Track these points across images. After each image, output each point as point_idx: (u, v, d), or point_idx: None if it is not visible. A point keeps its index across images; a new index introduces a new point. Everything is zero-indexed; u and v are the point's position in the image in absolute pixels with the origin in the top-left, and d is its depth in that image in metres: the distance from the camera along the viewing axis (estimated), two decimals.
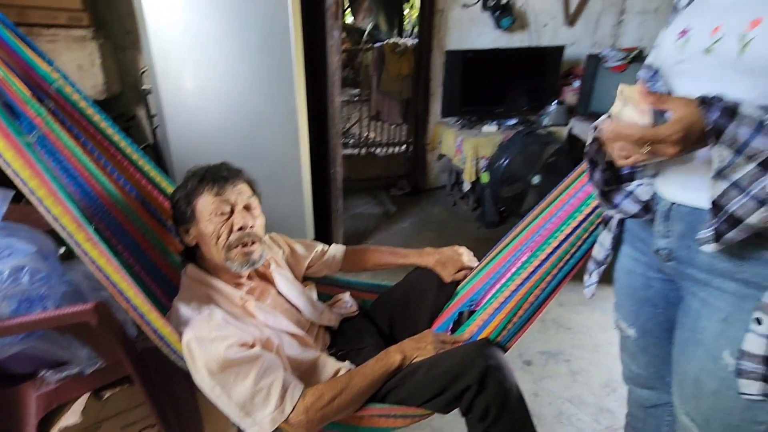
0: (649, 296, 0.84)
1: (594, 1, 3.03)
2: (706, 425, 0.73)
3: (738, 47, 0.57)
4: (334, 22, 1.80)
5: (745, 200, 0.54)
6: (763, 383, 0.62)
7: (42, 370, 0.91)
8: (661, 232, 0.72)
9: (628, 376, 0.99)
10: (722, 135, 0.53)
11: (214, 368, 0.82)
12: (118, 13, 2.22)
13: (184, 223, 0.96)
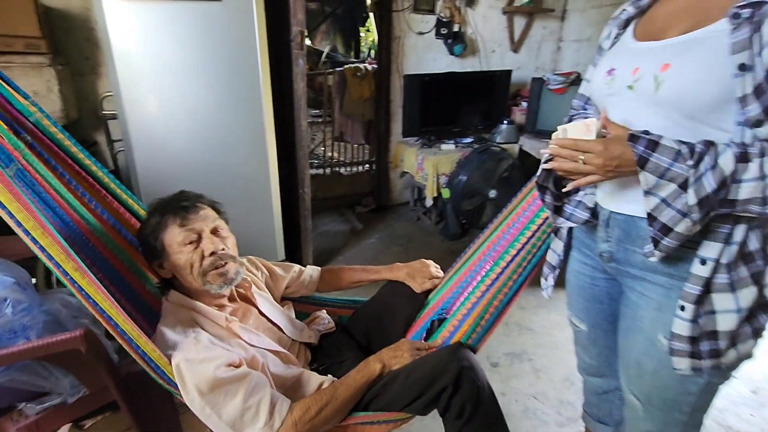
0: (596, 294, 0.96)
1: (535, 30, 3.32)
2: (648, 401, 0.85)
3: (654, 85, 0.70)
4: (299, 51, 1.89)
5: (672, 213, 0.66)
6: (691, 359, 0.74)
7: (21, 403, 0.90)
8: (602, 237, 0.85)
9: (582, 367, 1.11)
10: (646, 163, 0.66)
11: (204, 388, 0.84)
12: (76, 40, 2.20)
13: (157, 258, 0.97)
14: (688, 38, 0.68)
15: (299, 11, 1.84)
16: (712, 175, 0.62)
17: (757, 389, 1.62)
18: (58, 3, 2.12)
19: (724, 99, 0.64)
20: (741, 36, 0.61)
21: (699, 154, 0.63)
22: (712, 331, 0.72)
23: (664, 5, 0.77)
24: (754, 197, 0.62)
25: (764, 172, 0.61)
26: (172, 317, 0.97)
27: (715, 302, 0.71)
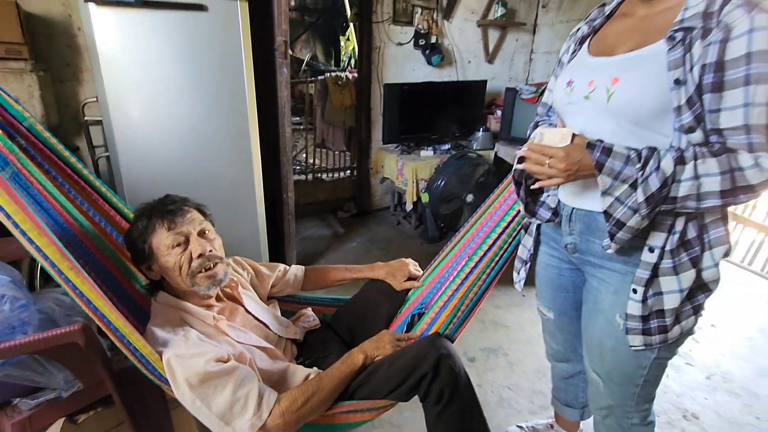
0: (562, 283, 1.06)
1: (508, 43, 3.48)
2: (608, 377, 0.95)
3: (606, 96, 0.80)
4: (283, 60, 1.96)
5: (625, 209, 0.76)
6: (643, 336, 0.84)
7: (15, 399, 0.93)
8: (566, 231, 0.95)
9: (550, 353, 1.20)
10: (603, 167, 0.75)
11: (194, 382, 0.88)
12: (57, 46, 2.21)
13: (145, 261, 1.00)
14: (634, 55, 0.78)
15: (283, 22, 1.91)
16: (656, 176, 0.72)
17: (710, 375, 1.75)
18: (40, 9, 2.13)
19: (663, 109, 0.74)
20: (676, 55, 0.71)
21: (645, 158, 0.73)
22: (660, 310, 0.82)
23: (614, 25, 0.88)
24: (690, 194, 0.72)
25: (697, 173, 0.71)
26: (161, 317, 1.00)
27: (662, 284, 0.81)
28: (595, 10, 0.96)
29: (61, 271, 0.81)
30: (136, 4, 1.60)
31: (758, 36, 0.65)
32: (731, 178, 0.70)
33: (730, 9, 0.67)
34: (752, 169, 0.69)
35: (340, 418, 1.03)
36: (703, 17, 0.69)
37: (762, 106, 0.66)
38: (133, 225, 1.01)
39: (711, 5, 0.69)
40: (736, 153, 0.70)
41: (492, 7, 3.27)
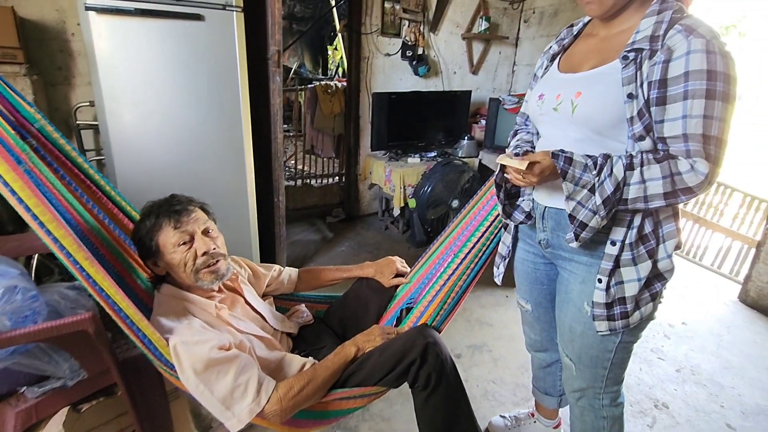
0: (538, 276, 1.15)
1: (492, 55, 3.63)
2: (579, 360, 1.03)
3: (571, 108, 0.90)
4: (276, 68, 2.03)
5: (586, 212, 0.86)
6: (608, 321, 0.93)
7: (22, 388, 0.96)
8: (540, 228, 1.04)
9: (529, 344, 1.29)
10: (566, 174, 0.84)
11: (199, 368, 0.94)
12: (49, 50, 2.24)
13: (152, 257, 1.05)
14: (594, 72, 0.88)
15: (277, 32, 1.99)
16: (609, 180, 0.82)
17: (680, 368, 1.86)
18: (34, 14, 2.16)
19: (619, 119, 0.84)
20: (628, 72, 0.81)
21: (600, 165, 0.83)
22: (622, 297, 0.92)
23: (580, 45, 0.99)
24: (638, 196, 0.82)
25: (643, 177, 0.81)
26: (165, 307, 1.06)
27: (623, 274, 0.90)
28: (564, 30, 1.07)
29: (77, 261, 0.86)
30: (135, 13, 1.65)
31: (694, 57, 0.75)
32: (672, 181, 0.79)
33: (673, 33, 0.78)
34: (689, 173, 0.79)
35: (333, 404, 1.09)
36: (651, 40, 0.79)
37: (698, 118, 0.76)
38: (140, 223, 1.06)
39: (657, 30, 0.79)
40: (676, 159, 0.80)
41: (476, 21, 3.42)
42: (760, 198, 3.10)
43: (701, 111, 0.75)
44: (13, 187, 0.82)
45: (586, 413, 1.11)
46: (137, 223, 1.09)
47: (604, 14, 0.87)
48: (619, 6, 0.85)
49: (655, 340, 2.05)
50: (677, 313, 2.32)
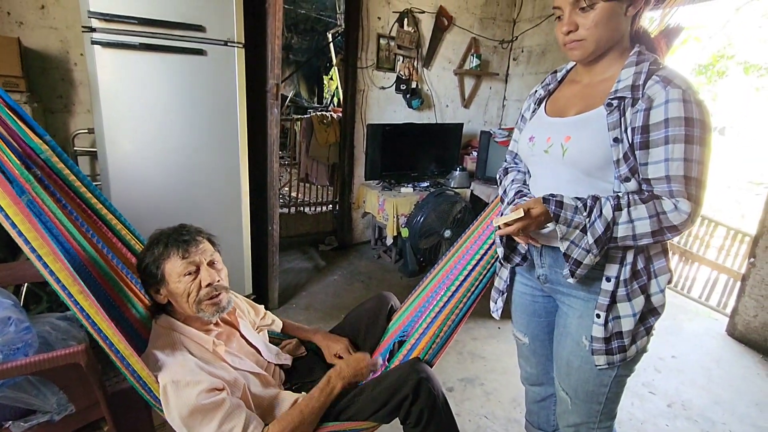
0: (536, 309, 1.17)
1: (483, 90, 3.76)
2: (575, 394, 1.05)
3: (561, 151, 0.95)
4: (274, 101, 2.09)
5: (579, 251, 0.90)
6: (606, 356, 0.96)
7: (7, 422, 0.94)
8: (538, 264, 1.07)
9: (525, 377, 1.29)
10: (559, 217, 0.88)
11: (184, 413, 0.93)
12: (51, 79, 2.28)
13: (155, 285, 1.05)
14: (581, 117, 0.94)
15: (276, 67, 2.06)
16: (599, 221, 0.86)
17: (671, 404, 1.87)
18: (39, 44, 2.22)
19: (606, 161, 0.89)
20: (613, 118, 0.87)
21: (590, 207, 0.88)
22: (619, 332, 0.94)
23: (564, 90, 1.05)
24: (627, 235, 0.86)
25: (631, 217, 0.85)
26: (162, 340, 1.05)
27: (619, 309, 0.94)
28: (549, 76, 1.13)
29: (71, 294, 0.86)
30: (140, 47, 1.71)
31: (672, 106, 0.81)
32: (658, 220, 0.84)
33: (651, 84, 0.84)
34: (673, 212, 0.83)
35: None
36: (632, 89, 0.86)
37: (679, 161, 0.81)
38: (147, 250, 1.06)
39: (637, 80, 0.86)
40: (660, 199, 0.85)
41: (468, 58, 3.56)
42: (743, 232, 3.18)
43: (681, 154, 0.81)
44: (13, 220, 0.83)
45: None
46: (144, 249, 1.09)
47: (585, 59, 0.94)
48: (598, 53, 0.92)
49: (647, 374, 2.06)
50: (667, 346, 2.34)
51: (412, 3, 3.23)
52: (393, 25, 3.19)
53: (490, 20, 3.60)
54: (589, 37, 0.88)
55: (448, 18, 3.38)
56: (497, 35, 3.67)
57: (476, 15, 3.53)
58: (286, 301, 2.54)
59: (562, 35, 0.91)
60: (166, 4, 1.73)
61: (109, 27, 1.65)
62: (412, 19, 3.24)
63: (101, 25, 1.63)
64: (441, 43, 3.43)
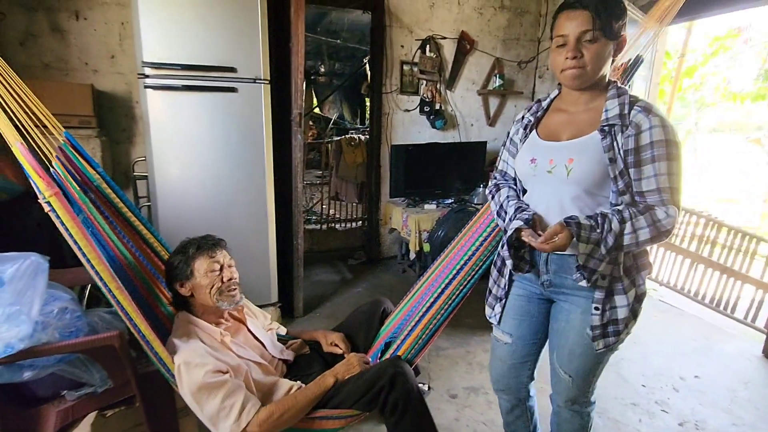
0: (530, 310, 1.26)
1: (508, 108, 3.84)
2: (576, 374, 1.19)
3: (566, 172, 1.08)
4: (298, 128, 2.34)
5: (595, 261, 1.04)
6: (603, 340, 1.10)
7: (62, 391, 1.19)
8: (543, 271, 1.18)
9: (495, 379, 1.36)
10: (580, 237, 1.02)
11: (193, 389, 1.13)
12: (117, 115, 2.71)
13: (182, 280, 1.30)
14: (578, 142, 1.07)
15: (299, 98, 2.31)
16: (611, 235, 1.01)
17: (683, 422, 1.82)
18: (107, 87, 2.65)
19: (604, 179, 1.04)
20: (607, 142, 1.02)
21: (601, 224, 1.02)
22: (614, 319, 1.09)
23: (551, 118, 1.18)
24: (632, 242, 1.01)
25: (634, 228, 1.00)
26: (180, 330, 1.28)
27: (616, 301, 1.09)
28: (535, 105, 1.24)
29: (110, 289, 1.11)
30: (182, 88, 2.03)
31: (655, 131, 0.98)
32: (654, 227, 1.00)
33: (635, 113, 1.00)
34: (666, 219, 1.00)
35: (315, 423, 1.24)
36: (620, 117, 1.01)
37: (664, 175, 0.99)
38: (178, 253, 1.32)
39: (623, 110, 1.01)
40: (654, 209, 1.00)
41: (491, 79, 3.67)
42: None
43: (666, 170, 0.99)
44: (71, 232, 1.09)
45: (576, 415, 1.27)
46: (175, 252, 1.34)
47: (580, 86, 1.07)
48: (590, 82, 1.06)
49: (662, 392, 2.01)
50: (691, 365, 2.25)
51: (434, 30, 3.42)
52: (416, 52, 3.39)
53: (513, 41, 3.70)
54: (589, 66, 1.02)
55: (470, 42, 3.53)
56: (521, 55, 3.75)
57: (499, 37, 3.65)
58: (310, 311, 2.74)
59: (564, 60, 1.04)
60: (204, 51, 2.04)
61: (158, 73, 1.98)
62: (434, 45, 3.42)
63: (152, 71, 1.97)
64: (464, 66, 3.58)
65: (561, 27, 1.03)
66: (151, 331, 1.15)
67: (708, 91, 6.71)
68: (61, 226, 1.09)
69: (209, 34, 2.03)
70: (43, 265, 1.17)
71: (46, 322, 1.11)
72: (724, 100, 6.66)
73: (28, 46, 2.46)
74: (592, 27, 0.98)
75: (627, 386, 2.04)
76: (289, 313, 2.65)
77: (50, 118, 1.24)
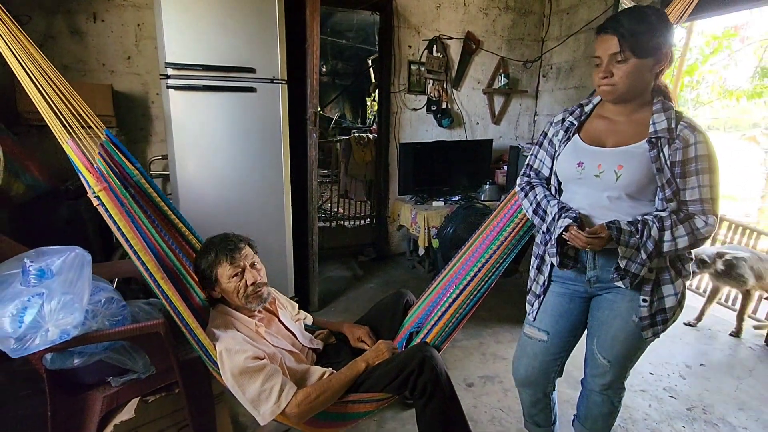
0: (572, 308, 1.32)
1: (513, 107, 3.91)
2: (615, 360, 1.27)
3: (614, 177, 1.14)
4: (313, 127, 2.40)
5: (635, 265, 1.12)
6: (652, 329, 1.18)
7: (108, 378, 1.25)
8: (590, 267, 1.24)
9: (522, 375, 1.40)
10: (619, 240, 1.10)
11: (235, 372, 1.19)
12: (134, 115, 2.76)
13: (210, 285, 1.34)
14: (626, 149, 1.14)
15: (314, 97, 2.37)
16: (650, 241, 1.09)
17: (691, 407, 1.89)
18: (125, 87, 2.70)
19: (648, 185, 1.12)
20: (654, 153, 1.09)
21: (641, 230, 1.10)
22: (662, 308, 1.17)
23: (593, 124, 1.24)
24: (671, 249, 1.09)
25: (674, 236, 1.08)
26: (218, 321, 1.33)
27: (663, 291, 1.16)
28: (578, 109, 1.29)
29: (156, 279, 1.16)
30: (203, 88, 2.09)
31: (699, 146, 1.07)
32: (693, 235, 1.08)
33: (681, 128, 1.08)
34: (704, 227, 1.08)
35: (349, 407, 1.30)
36: (668, 131, 1.09)
37: (707, 187, 1.07)
38: (201, 257, 1.35)
39: (670, 124, 1.09)
40: (693, 218, 1.09)
41: (496, 78, 3.74)
42: None
43: (708, 182, 1.07)
44: (119, 224, 1.15)
45: (607, 400, 1.35)
46: (198, 257, 1.38)
47: (615, 101, 1.16)
48: (625, 98, 1.13)
49: (670, 380, 2.08)
50: (697, 355, 2.33)
51: (441, 30, 3.49)
52: (423, 52, 3.46)
53: (518, 41, 3.78)
54: (620, 84, 1.10)
55: (475, 42, 3.60)
56: (525, 55, 3.82)
57: (504, 37, 3.72)
58: (325, 305, 2.81)
59: (599, 79, 1.13)
60: (224, 53, 2.10)
61: (180, 74, 2.04)
62: (441, 45, 3.49)
63: (174, 72, 2.03)
64: (469, 65, 3.65)
65: (596, 49, 1.12)
66: (194, 320, 1.21)
67: (705, 89, 6.82)
68: (110, 219, 1.15)
69: (229, 36, 2.09)
70: (88, 257, 1.23)
71: (95, 311, 1.16)
72: (720, 98, 6.78)
73: (48, 47, 2.50)
74: (620, 50, 1.06)
75: (635, 374, 2.11)
76: (304, 307, 2.66)
77: (93, 118, 1.30)
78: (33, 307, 1.03)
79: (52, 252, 1.20)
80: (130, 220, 1.21)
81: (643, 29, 1.05)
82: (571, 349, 1.37)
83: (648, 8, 1.09)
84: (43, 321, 1.01)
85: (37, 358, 1.14)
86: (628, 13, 1.08)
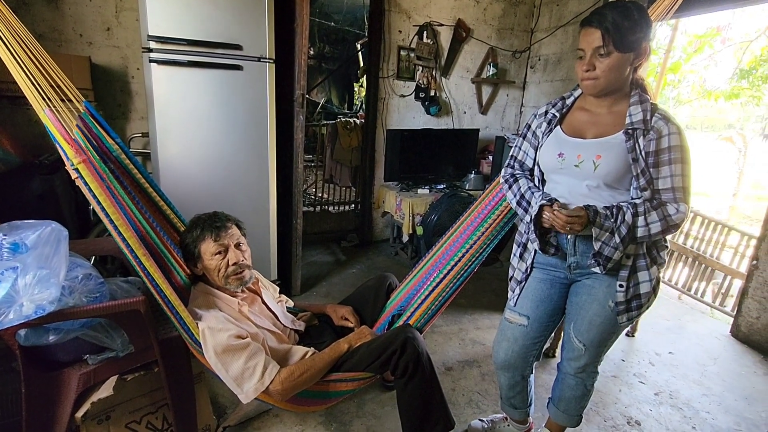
0: (552, 293, 1.35)
1: (500, 97, 3.93)
2: (591, 344, 1.30)
3: (593, 167, 1.17)
4: (300, 109, 2.36)
5: (609, 248, 1.14)
6: (627, 314, 1.22)
7: (85, 356, 1.23)
8: (571, 253, 1.26)
9: (502, 359, 1.43)
10: (595, 222, 1.12)
11: (219, 350, 1.19)
12: (113, 90, 2.66)
13: (193, 260, 1.34)
14: (605, 140, 1.17)
15: (302, 78, 2.33)
16: (624, 225, 1.12)
17: (659, 392, 1.98)
18: (104, 61, 2.60)
19: (625, 174, 1.15)
20: (630, 144, 1.12)
21: (615, 215, 1.13)
22: (637, 294, 1.21)
23: (575, 116, 1.27)
24: (645, 234, 1.12)
25: (647, 221, 1.11)
26: (199, 300, 1.32)
27: (639, 277, 1.20)
28: (559, 102, 1.31)
29: (137, 255, 1.14)
30: (188, 64, 2.02)
31: (672, 137, 1.10)
32: (665, 221, 1.11)
33: (656, 120, 1.11)
34: (676, 214, 1.11)
35: (331, 386, 1.32)
36: (643, 122, 1.12)
37: (679, 176, 1.11)
38: (188, 232, 1.34)
39: (645, 116, 1.12)
40: (666, 205, 1.12)
41: (485, 67, 3.74)
42: (751, 234, 3.19)
43: (680, 171, 1.11)
44: (99, 199, 1.12)
45: (581, 383, 1.39)
46: (185, 231, 1.37)
47: (596, 93, 1.18)
48: (606, 90, 1.17)
49: (639, 366, 2.17)
50: (666, 343, 2.42)
51: (432, 16, 3.45)
52: (413, 37, 3.43)
53: (508, 30, 3.78)
54: (601, 77, 1.13)
55: (465, 30, 3.58)
56: (514, 45, 3.83)
57: (494, 26, 3.71)
58: (308, 289, 2.81)
59: (582, 71, 1.16)
60: (210, 27, 2.03)
61: (163, 47, 1.97)
62: (431, 32, 3.46)
63: (157, 46, 1.96)
64: (459, 53, 3.64)
65: (580, 42, 1.14)
66: (176, 297, 1.19)
67: (685, 88, 6.97)
68: (89, 193, 1.12)
69: (215, 10, 2.03)
70: (64, 233, 1.19)
71: (72, 287, 1.13)
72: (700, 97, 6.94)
73: (20, 14, 2.36)
74: (603, 44, 1.09)
75: (608, 360, 2.18)
76: (286, 291, 2.69)
77: (72, 88, 1.25)
78: (6, 281, 1.00)
79: (26, 226, 1.16)
80: (111, 195, 1.18)
81: (627, 24, 1.08)
82: (549, 334, 1.41)
83: (631, 3, 1.11)
84: (17, 295, 0.98)
85: (10, 334, 1.11)
86: (613, 8, 1.09)
